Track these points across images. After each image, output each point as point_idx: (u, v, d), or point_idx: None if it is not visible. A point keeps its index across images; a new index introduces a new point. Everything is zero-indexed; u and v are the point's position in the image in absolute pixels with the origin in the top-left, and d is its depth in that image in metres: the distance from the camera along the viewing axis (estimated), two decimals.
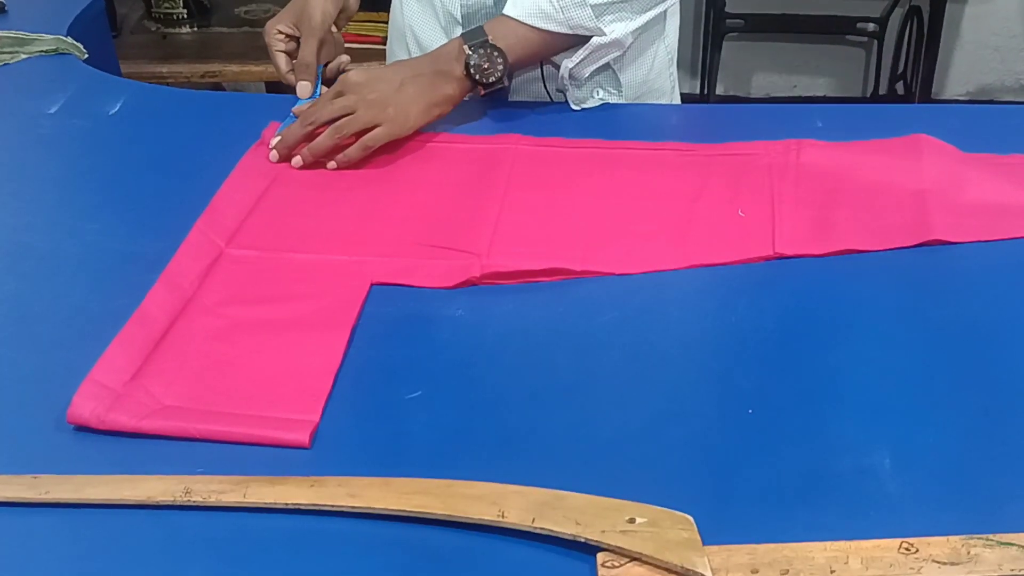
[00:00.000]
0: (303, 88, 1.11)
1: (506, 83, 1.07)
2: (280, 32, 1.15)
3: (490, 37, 1.05)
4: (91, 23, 1.42)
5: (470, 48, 1.04)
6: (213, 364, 0.77)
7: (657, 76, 1.21)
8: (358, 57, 2.21)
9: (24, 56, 1.29)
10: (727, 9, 2.90)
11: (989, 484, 0.66)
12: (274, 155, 1.03)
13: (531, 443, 0.70)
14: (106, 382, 0.73)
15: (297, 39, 1.14)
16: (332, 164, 1.02)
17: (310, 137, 1.03)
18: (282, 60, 1.14)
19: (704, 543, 0.60)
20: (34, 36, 1.31)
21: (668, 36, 1.21)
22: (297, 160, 1.03)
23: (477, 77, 1.04)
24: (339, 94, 1.03)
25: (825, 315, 0.82)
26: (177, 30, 2.33)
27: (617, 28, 1.07)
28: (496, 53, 1.04)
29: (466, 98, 1.10)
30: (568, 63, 1.10)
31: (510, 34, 1.05)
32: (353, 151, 1.02)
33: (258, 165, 1.03)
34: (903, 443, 0.69)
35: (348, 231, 0.93)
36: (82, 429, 0.71)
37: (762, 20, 2.97)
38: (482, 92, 1.07)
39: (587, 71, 1.11)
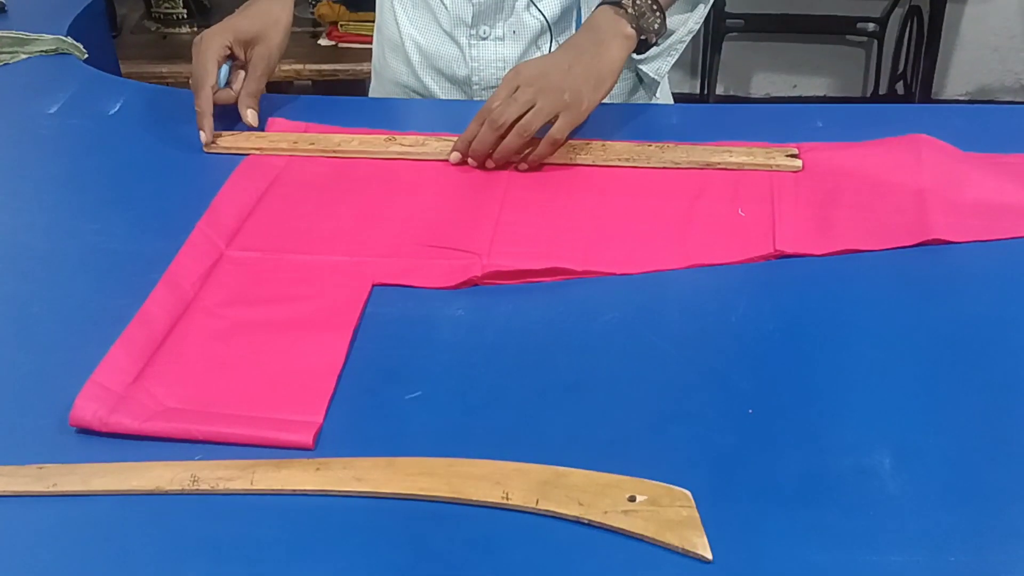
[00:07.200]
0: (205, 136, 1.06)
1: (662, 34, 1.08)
2: (227, 48, 1.08)
3: None
4: (91, 23, 1.42)
5: (628, 2, 1.05)
6: (216, 366, 0.77)
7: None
8: (356, 57, 2.22)
9: (24, 56, 1.30)
10: (727, 9, 2.90)
11: (990, 484, 0.66)
12: (456, 156, 1.02)
13: (531, 443, 0.70)
14: (108, 384, 0.73)
15: (234, 57, 1.09)
16: (524, 166, 1.02)
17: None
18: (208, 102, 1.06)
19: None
20: (34, 36, 1.31)
21: None
22: (490, 164, 1.02)
23: (644, 25, 1.05)
24: (516, 89, 1.01)
25: (825, 315, 0.82)
26: (177, 30, 2.33)
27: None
28: (651, 1, 1.06)
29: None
30: (659, 65, 1.19)
31: None
32: (543, 149, 1.01)
33: (258, 165, 1.03)
34: (903, 443, 0.69)
35: (349, 232, 0.93)
36: (84, 432, 0.71)
37: (762, 20, 2.97)
38: (643, 38, 1.06)
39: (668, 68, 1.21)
